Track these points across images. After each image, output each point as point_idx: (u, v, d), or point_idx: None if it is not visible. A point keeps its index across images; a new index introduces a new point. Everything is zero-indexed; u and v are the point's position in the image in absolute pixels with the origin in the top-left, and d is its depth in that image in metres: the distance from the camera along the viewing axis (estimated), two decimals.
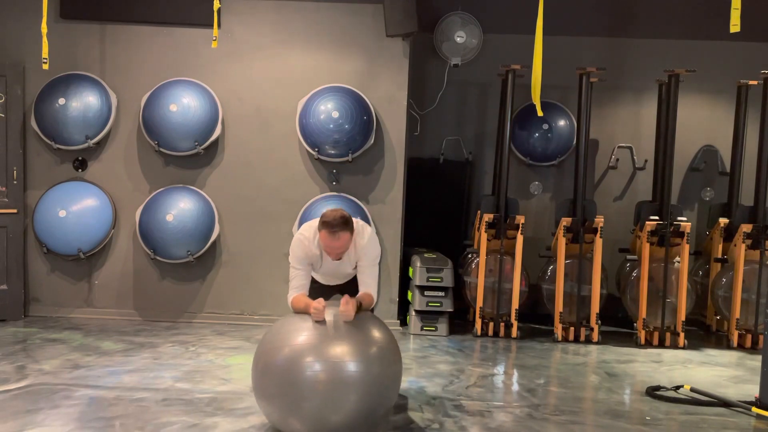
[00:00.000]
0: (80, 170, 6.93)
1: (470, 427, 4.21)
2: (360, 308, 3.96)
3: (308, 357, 3.66)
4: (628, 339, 6.69)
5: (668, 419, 4.49)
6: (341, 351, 3.68)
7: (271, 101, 6.88)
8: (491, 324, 6.67)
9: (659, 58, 7.51)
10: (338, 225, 3.88)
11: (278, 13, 6.85)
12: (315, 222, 4.08)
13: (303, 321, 3.86)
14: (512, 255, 6.66)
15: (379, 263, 4.28)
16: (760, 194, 6.76)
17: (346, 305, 3.84)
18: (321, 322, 3.82)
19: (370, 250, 4.12)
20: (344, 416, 3.67)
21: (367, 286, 4.11)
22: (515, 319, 6.61)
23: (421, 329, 6.64)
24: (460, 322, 7.08)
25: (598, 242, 6.60)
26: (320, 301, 3.87)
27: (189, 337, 6.31)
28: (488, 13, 7.69)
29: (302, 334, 3.77)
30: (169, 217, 6.60)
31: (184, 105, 6.63)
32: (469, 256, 7.07)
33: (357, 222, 4.13)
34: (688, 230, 6.53)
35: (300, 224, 6.63)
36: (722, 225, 6.94)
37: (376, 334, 3.90)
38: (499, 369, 5.68)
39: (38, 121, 6.72)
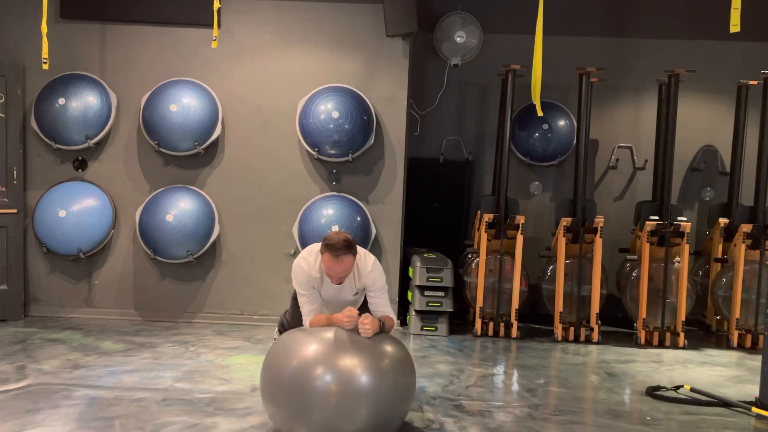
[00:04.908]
0: (80, 170, 6.93)
1: (470, 427, 4.20)
2: (382, 329, 3.92)
3: (319, 368, 3.61)
4: (628, 339, 6.69)
5: (668, 419, 4.49)
6: (352, 363, 3.63)
7: (271, 101, 6.88)
8: (491, 324, 6.67)
9: (659, 58, 7.51)
10: (342, 248, 3.82)
11: (278, 13, 6.85)
12: (317, 246, 4.03)
13: (313, 333, 3.84)
14: (512, 255, 6.66)
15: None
16: (760, 194, 6.75)
17: (365, 319, 3.79)
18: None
19: (377, 277, 4.09)
20: (355, 428, 3.63)
21: (386, 309, 4.09)
22: (515, 319, 6.61)
23: (421, 329, 6.64)
24: (460, 322, 7.08)
25: (598, 242, 6.60)
26: (351, 308, 3.85)
27: (189, 337, 6.31)
28: (488, 13, 7.68)
29: (312, 345, 3.73)
30: (169, 217, 6.60)
31: (184, 105, 6.63)
32: (469, 256, 7.07)
33: (360, 249, 4.08)
34: (688, 230, 6.53)
35: (300, 224, 6.64)
36: (722, 225, 6.94)
37: (389, 346, 3.85)
38: (499, 369, 5.68)
39: (38, 121, 6.72)
